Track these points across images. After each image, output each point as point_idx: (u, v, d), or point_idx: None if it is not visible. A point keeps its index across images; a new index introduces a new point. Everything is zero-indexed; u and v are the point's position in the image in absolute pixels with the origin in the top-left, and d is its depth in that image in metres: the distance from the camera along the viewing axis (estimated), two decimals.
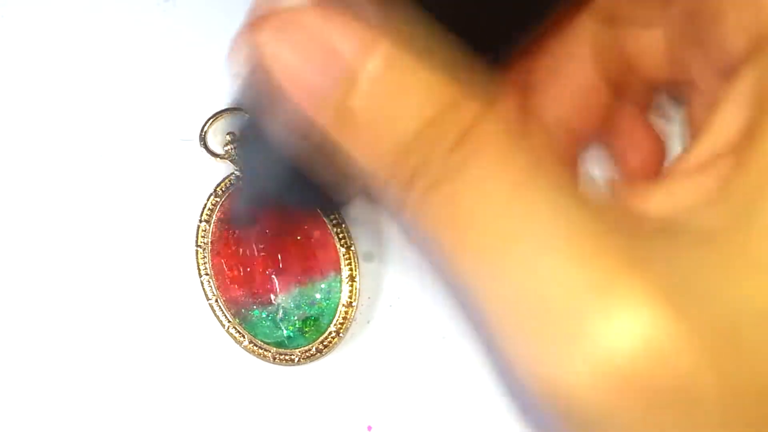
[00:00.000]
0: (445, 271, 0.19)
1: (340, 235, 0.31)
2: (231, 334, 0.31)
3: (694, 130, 0.27)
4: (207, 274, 0.31)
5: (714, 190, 0.19)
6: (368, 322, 0.31)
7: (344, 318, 0.31)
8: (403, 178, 0.18)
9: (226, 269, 0.31)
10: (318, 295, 0.31)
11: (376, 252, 0.32)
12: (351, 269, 0.31)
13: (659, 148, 0.29)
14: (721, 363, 0.17)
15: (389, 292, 0.32)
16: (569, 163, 0.29)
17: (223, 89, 0.33)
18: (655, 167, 0.29)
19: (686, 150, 0.21)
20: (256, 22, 0.19)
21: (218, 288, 0.31)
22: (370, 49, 0.18)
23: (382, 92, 0.18)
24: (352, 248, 0.31)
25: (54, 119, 0.33)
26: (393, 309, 0.31)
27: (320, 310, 0.31)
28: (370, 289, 0.32)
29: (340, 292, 0.31)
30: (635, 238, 0.18)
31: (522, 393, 0.18)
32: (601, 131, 0.29)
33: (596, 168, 0.30)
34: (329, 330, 0.31)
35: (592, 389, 0.17)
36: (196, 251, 0.31)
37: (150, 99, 0.33)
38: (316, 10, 0.18)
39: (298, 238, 0.31)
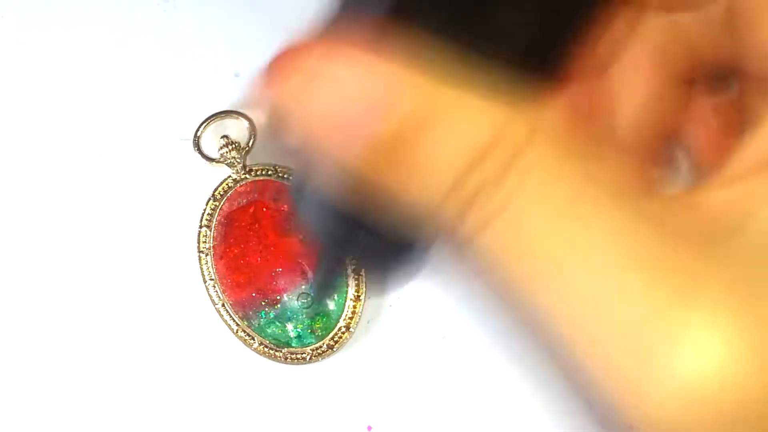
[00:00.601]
0: (509, 296, 0.18)
1: None
2: (241, 338, 0.31)
3: (748, 117, 0.26)
4: (212, 279, 0.31)
5: None
6: (368, 321, 0.32)
7: (353, 312, 0.31)
8: (453, 214, 0.18)
9: (230, 273, 0.31)
10: None
11: None
12: (356, 264, 0.31)
13: (733, 113, 0.28)
14: None
15: (389, 292, 0.32)
16: (644, 163, 0.28)
17: (220, 91, 0.33)
18: (732, 132, 0.28)
19: (743, 144, 0.20)
20: (279, 70, 0.18)
21: (224, 292, 0.31)
22: (404, 87, 0.17)
23: (423, 131, 0.17)
24: None
25: (53, 119, 0.33)
26: (393, 309, 0.32)
27: (328, 306, 0.31)
28: (371, 288, 0.31)
29: (347, 287, 0.31)
30: (705, 246, 0.18)
31: (602, 410, 0.18)
32: (679, 112, 0.28)
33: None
34: (339, 325, 0.31)
35: (678, 414, 0.17)
36: (199, 257, 0.31)
37: (149, 100, 0.33)
38: (346, 52, 0.17)
39: (302, 236, 0.31)
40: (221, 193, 0.32)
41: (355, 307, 0.31)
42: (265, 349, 0.31)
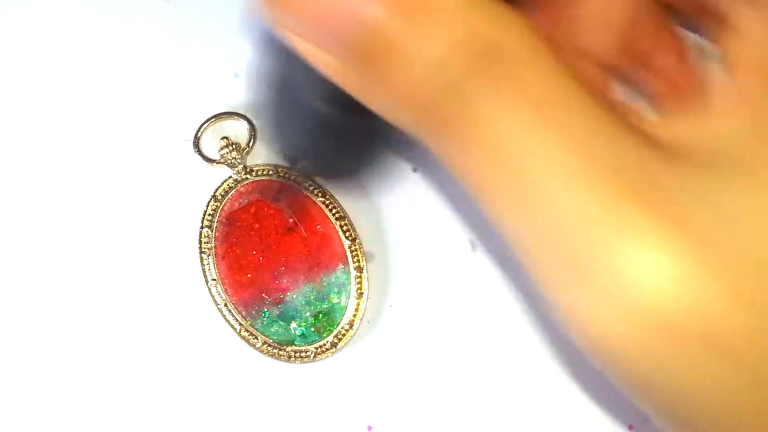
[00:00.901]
0: (480, 203, 0.18)
1: (344, 228, 0.31)
2: (244, 337, 0.31)
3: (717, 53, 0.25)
4: (214, 279, 0.31)
5: (745, 117, 0.18)
6: (368, 322, 0.32)
7: (356, 309, 0.31)
8: (421, 115, 0.18)
9: (232, 272, 0.31)
10: (328, 290, 0.31)
11: (377, 251, 0.32)
12: (358, 260, 0.31)
13: (685, 47, 0.27)
14: (752, 300, 0.16)
15: (390, 291, 0.32)
16: (597, 87, 0.27)
17: (220, 91, 0.33)
18: (686, 69, 0.27)
19: (712, 74, 0.20)
20: None
21: (226, 292, 0.31)
22: None
23: (397, 29, 0.17)
24: (357, 240, 0.31)
25: (54, 119, 0.33)
26: (393, 309, 0.32)
27: (331, 304, 0.31)
28: (371, 288, 0.32)
29: (350, 284, 0.31)
30: (657, 167, 0.17)
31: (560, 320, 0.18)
32: (633, 41, 0.27)
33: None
34: (342, 323, 0.31)
35: (619, 331, 0.16)
36: (201, 257, 0.31)
37: (149, 100, 0.33)
38: None
39: (303, 234, 0.32)
40: (222, 193, 0.32)
41: (358, 304, 0.31)
42: (269, 348, 0.31)
